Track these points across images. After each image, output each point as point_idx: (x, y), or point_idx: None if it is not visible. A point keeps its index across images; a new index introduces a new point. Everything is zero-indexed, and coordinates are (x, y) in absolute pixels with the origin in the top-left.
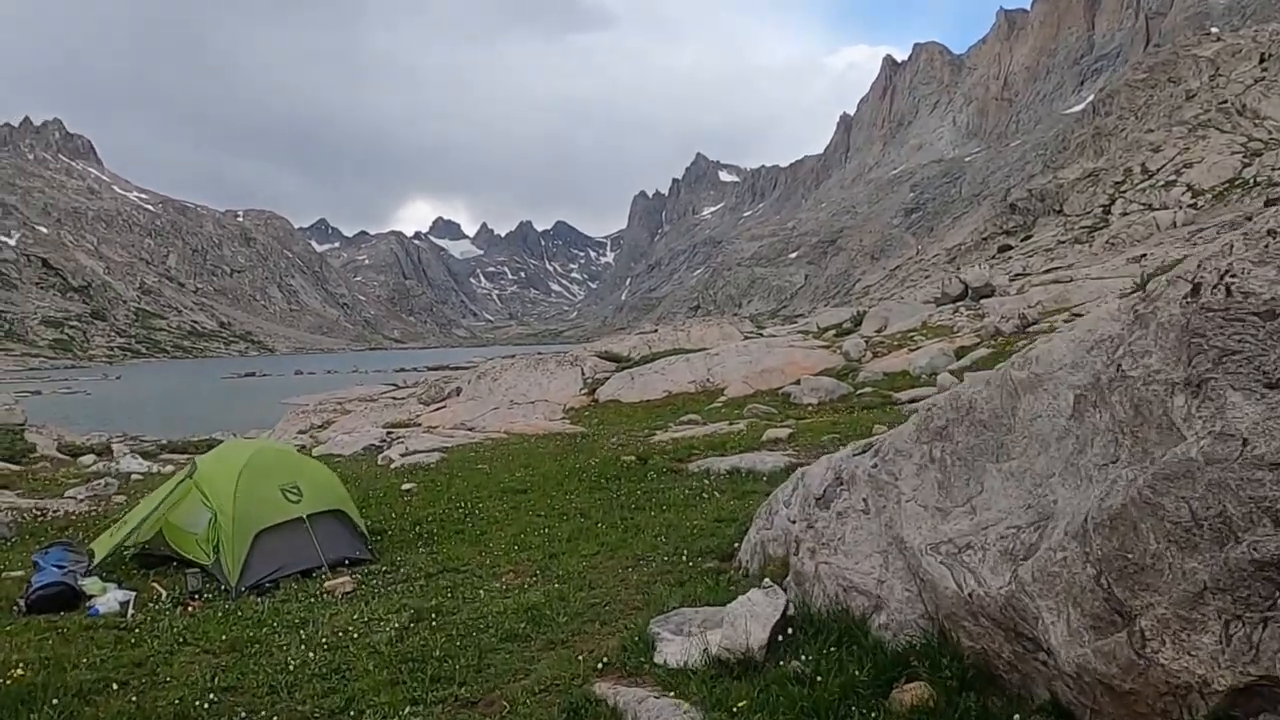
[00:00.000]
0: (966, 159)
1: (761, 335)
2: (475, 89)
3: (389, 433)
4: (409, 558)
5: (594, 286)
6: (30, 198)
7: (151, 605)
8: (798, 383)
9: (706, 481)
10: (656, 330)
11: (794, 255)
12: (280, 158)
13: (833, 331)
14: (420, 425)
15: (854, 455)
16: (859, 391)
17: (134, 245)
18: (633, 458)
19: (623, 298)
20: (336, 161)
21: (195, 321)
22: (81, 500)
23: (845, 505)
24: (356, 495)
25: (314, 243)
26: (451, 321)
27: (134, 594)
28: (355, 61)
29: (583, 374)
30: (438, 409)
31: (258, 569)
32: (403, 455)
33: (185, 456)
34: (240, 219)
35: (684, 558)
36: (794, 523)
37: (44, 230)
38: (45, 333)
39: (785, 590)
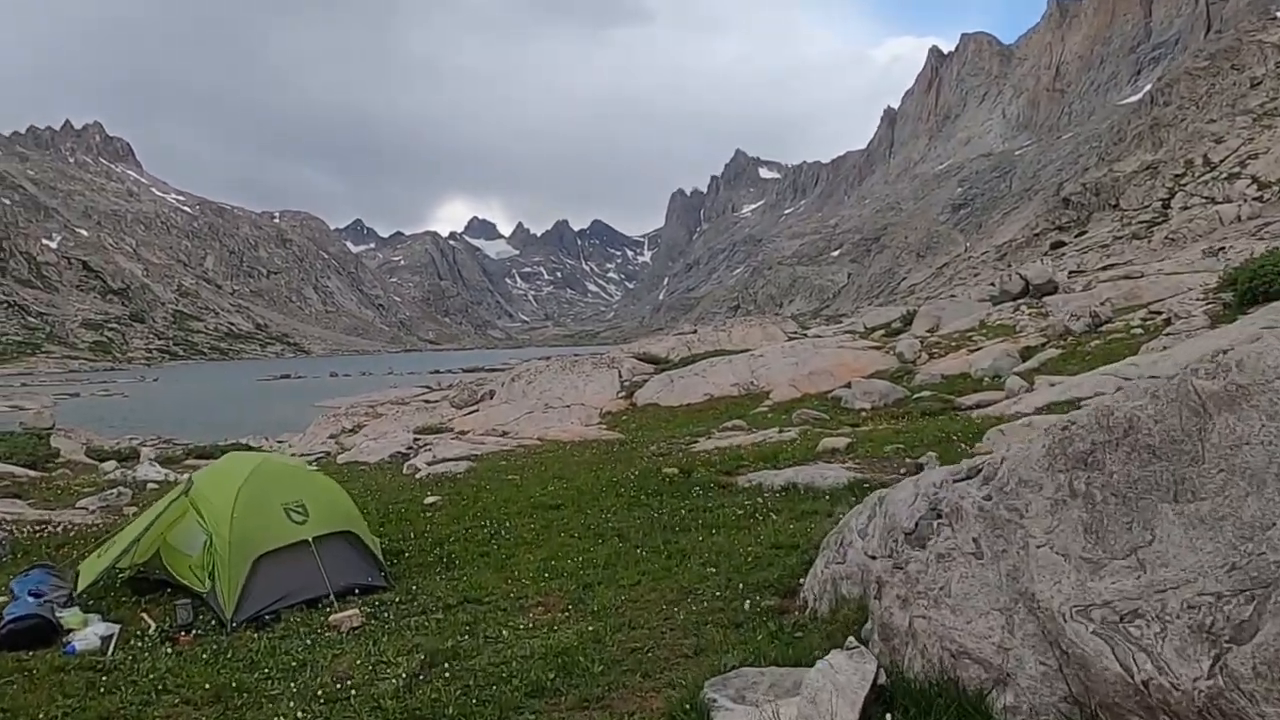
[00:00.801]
0: (1016, 152)
1: (806, 335)
2: (511, 86)
3: (416, 439)
4: (427, 585)
5: (631, 286)
6: (71, 201)
7: (137, 640)
8: (848, 386)
9: (759, 499)
10: (696, 331)
11: (836, 253)
12: (316, 158)
13: (881, 331)
14: (452, 430)
15: (955, 481)
16: (916, 395)
17: (172, 247)
18: (675, 470)
19: (660, 298)
20: (372, 162)
21: (232, 323)
22: (92, 511)
23: (948, 545)
24: (376, 509)
25: (349, 244)
26: (487, 323)
27: (118, 628)
28: (390, 60)
29: (620, 376)
30: (470, 413)
31: (257, 599)
32: (429, 464)
33: (209, 463)
34: (277, 220)
35: (739, 592)
36: (874, 559)
37: (84, 233)
38: (85, 335)
39: (868, 644)
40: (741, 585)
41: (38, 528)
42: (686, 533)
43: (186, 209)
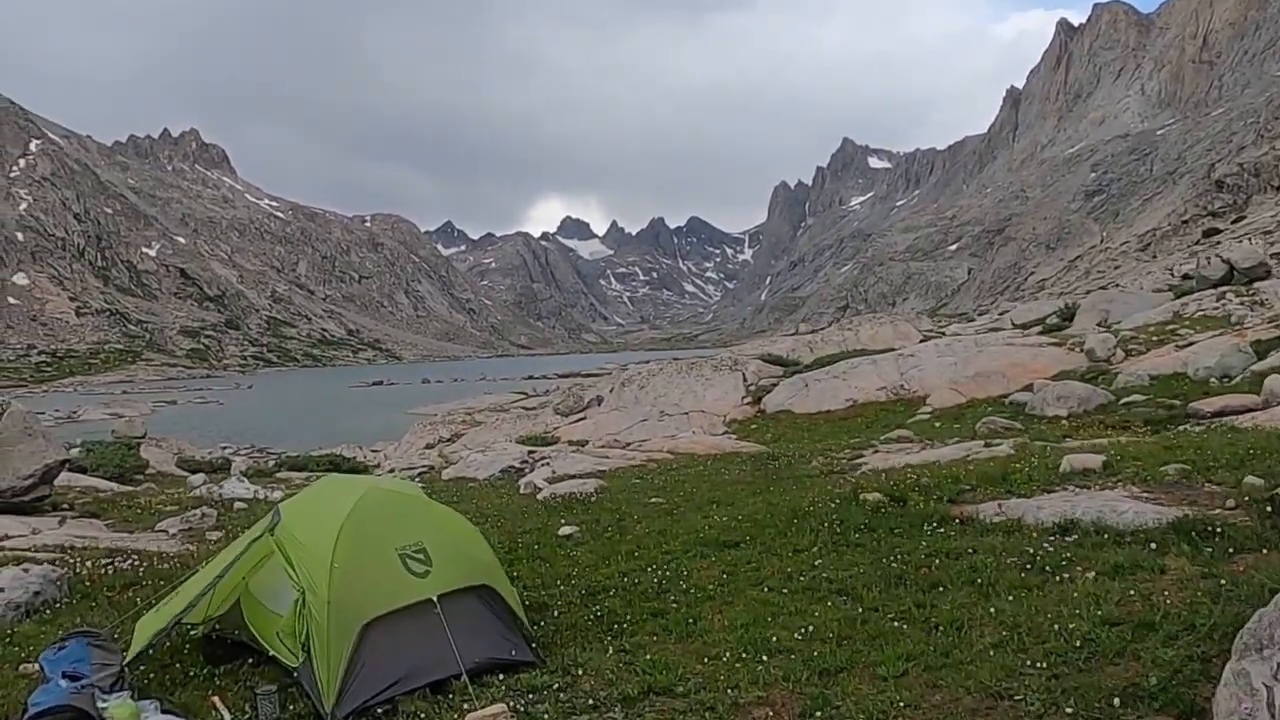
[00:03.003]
0: (1158, 132)
1: (945, 335)
2: (606, 80)
3: (531, 452)
4: (590, 660)
5: (731, 286)
6: (169, 208)
7: None
8: (1029, 389)
9: (1031, 542)
10: (817, 331)
11: (954, 247)
12: (407, 160)
13: (1037, 328)
14: (559, 439)
15: None
16: (1125, 400)
17: (265, 253)
18: (880, 496)
19: (762, 298)
20: (464, 162)
21: (324, 329)
22: (172, 535)
23: None
24: (500, 542)
25: (440, 246)
26: (580, 326)
27: None
28: (483, 57)
29: (744, 380)
30: (577, 420)
31: (365, 683)
32: (550, 482)
33: (304, 475)
34: (368, 224)
35: (1090, 703)
36: None
37: (181, 240)
38: (183, 342)
39: None
40: (1089, 691)
41: (107, 560)
42: (943, 592)
43: (279, 214)
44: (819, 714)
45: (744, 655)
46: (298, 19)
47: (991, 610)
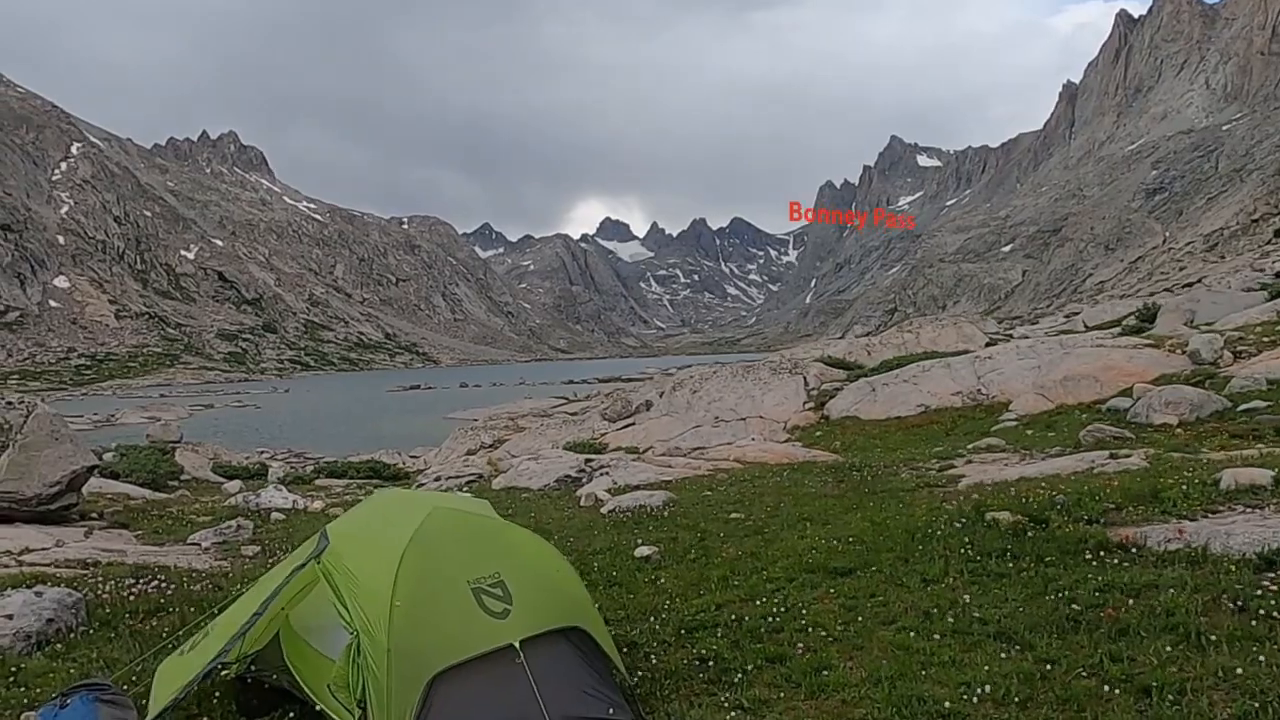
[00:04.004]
0: (1224, 127)
1: (1012, 338)
2: (648, 80)
3: (588, 460)
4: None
5: (775, 289)
6: (207, 211)
7: None
8: (1126, 393)
9: (1227, 577)
10: (872, 334)
11: (1008, 248)
12: (445, 161)
13: (1115, 330)
14: (608, 445)
15: None
16: (1242, 406)
17: (303, 256)
18: (1011, 515)
19: (807, 301)
20: (502, 163)
21: (361, 333)
22: (205, 550)
23: None
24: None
25: (478, 249)
26: (620, 330)
27: None
28: (523, 57)
29: (805, 384)
30: (625, 426)
31: None
32: (613, 493)
33: (344, 483)
34: (405, 226)
35: None
36: None
37: (219, 243)
38: (221, 346)
39: None
40: None
41: (131, 579)
42: (1138, 640)
43: (317, 217)
44: None
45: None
46: (336, 22)
47: (1214, 669)
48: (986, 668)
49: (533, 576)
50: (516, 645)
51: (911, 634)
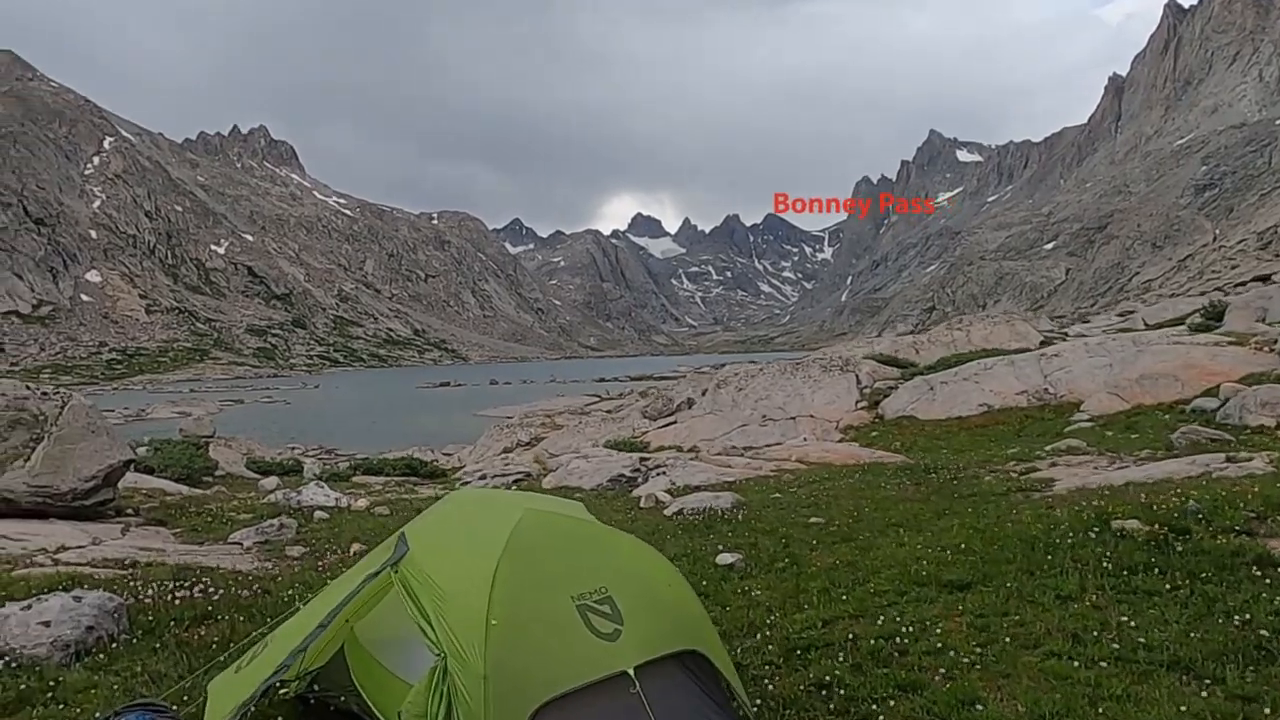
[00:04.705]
0: (1277, 121)
1: (1067, 336)
2: (682, 74)
3: (643, 459)
4: None
5: (809, 287)
6: (238, 206)
7: None
8: (1212, 393)
9: None
10: (916, 332)
11: (1050, 246)
12: (476, 157)
13: (1179, 328)
14: (649, 444)
15: None
16: None
17: (333, 251)
18: (1142, 524)
19: (842, 299)
20: (534, 159)
21: (390, 329)
22: (247, 550)
23: None
24: None
25: (508, 244)
26: (651, 327)
27: None
28: (555, 52)
29: (858, 382)
30: (667, 425)
31: None
32: (674, 494)
33: (381, 480)
34: (435, 221)
35: None
36: None
37: (249, 238)
38: (250, 341)
39: None
40: None
41: (174, 581)
42: None
43: (347, 212)
44: None
45: None
46: (367, 17)
47: None
48: (1173, 706)
49: (643, 591)
50: (631, 673)
51: (1063, 660)
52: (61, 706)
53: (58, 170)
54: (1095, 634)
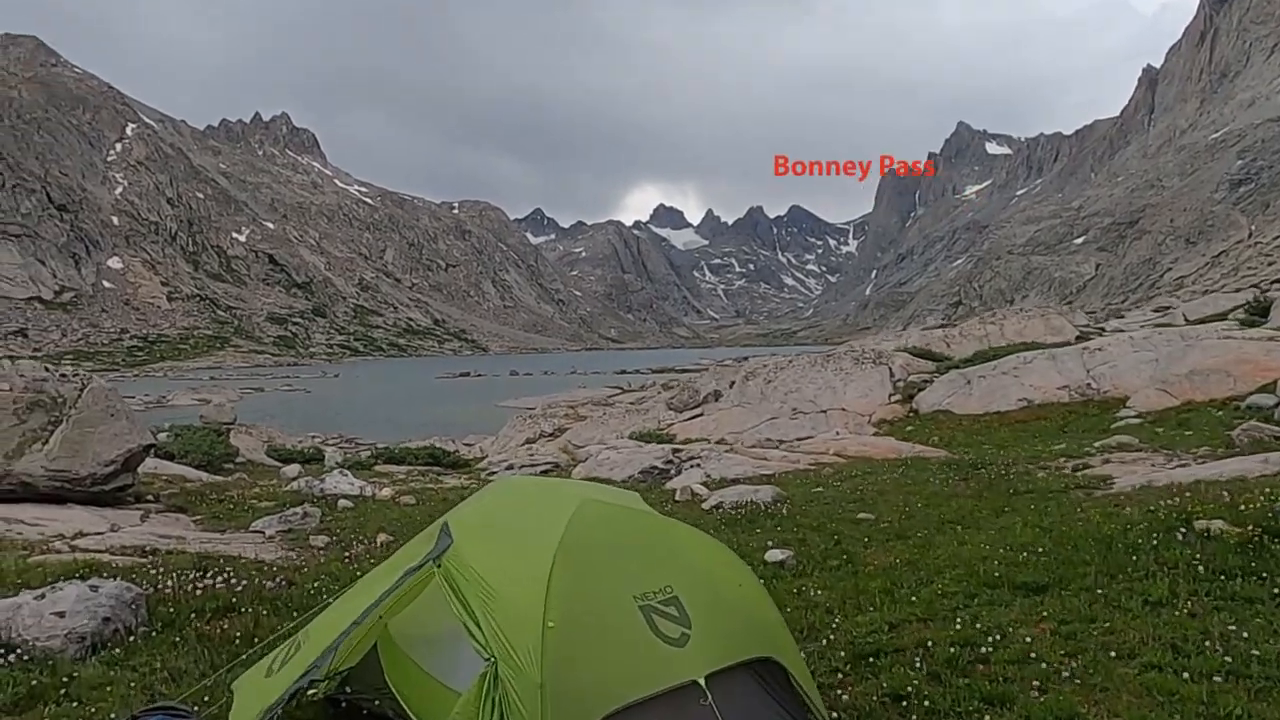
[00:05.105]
0: None
1: (1104, 331)
2: (706, 62)
3: (675, 450)
4: None
5: (833, 280)
6: (259, 193)
7: None
8: (1269, 389)
9: None
10: (946, 326)
11: (1080, 241)
12: (498, 146)
13: (1226, 323)
14: (675, 436)
15: None
16: None
17: (353, 240)
18: (1229, 525)
19: (867, 292)
20: (555, 148)
21: (410, 319)
22: (269, 539)
23: None
24: None
25: (529, 235)
26: (672, 319)
27: None
28: (578, 40)
29: (891, 376)
30: (694, 417)
31: None
32: (710, 487)
33: (404, 469)
34: (455, 211)
35: None
36: None
37: (270, 226)
38: (271, 329)
39: None
40: None
41: (196, 572)
42: None
43: (368, 200)
44: None
45: None
46: (392, 5)
47: None
48: None
49: (712, 590)
50: (702, 682)
51: (1169, 674)
52: (75, 705)
53: (81, 156)
54: (1198, 645)
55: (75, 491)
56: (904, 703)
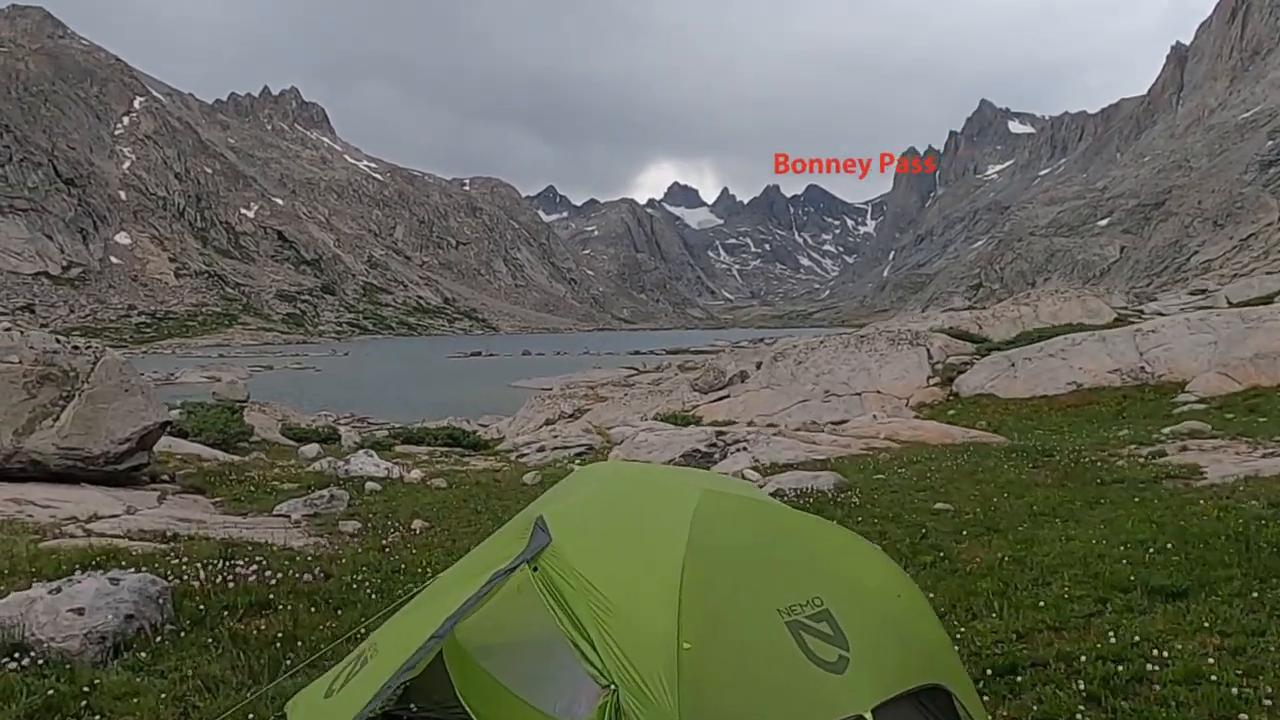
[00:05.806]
0: None
1: (1143, 314)
2: (724, 40)
3: (719, 433)
4: None
5: (850, 261)
6: (268, 169)
7: None
8: None
9: None
10: (975, 308)
11: (1104, 222)
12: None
13: (1261, 306)
14: (700, 418)
15: None
16: None
17: (363, 216)
18: None
19: (885, 274)
20: (569, 125)
21: (420, 297)
22: (295, 523)
23: None
24: None
25: (541, 212)
26: (686, 300)
27: None
28: (593, 17)
29: (929, 357)
30: (719, 399)
31: None
32: (762, 472)
33: (425, 450)
34: (467, 188)
35: None
36: None
37: (279, 202)
38: (279, 307)
39: None
40: None
41: (223, 561)
42: None
43: (378, 176)
44: None
45: None
46: None
47: None
48: None
49: (867, 602)
50: (869, 717)
51: None
52: (97, 718)
53: (88, 130)
54: None
55: (88, 471)
56: None
